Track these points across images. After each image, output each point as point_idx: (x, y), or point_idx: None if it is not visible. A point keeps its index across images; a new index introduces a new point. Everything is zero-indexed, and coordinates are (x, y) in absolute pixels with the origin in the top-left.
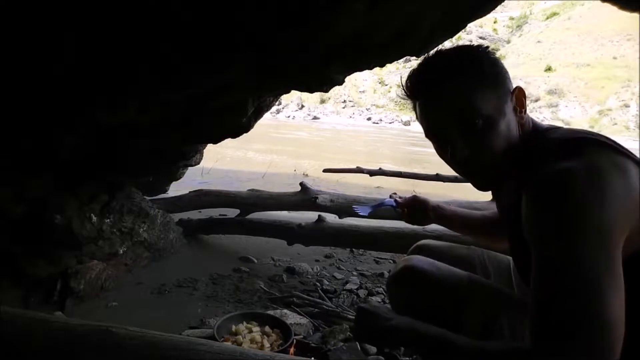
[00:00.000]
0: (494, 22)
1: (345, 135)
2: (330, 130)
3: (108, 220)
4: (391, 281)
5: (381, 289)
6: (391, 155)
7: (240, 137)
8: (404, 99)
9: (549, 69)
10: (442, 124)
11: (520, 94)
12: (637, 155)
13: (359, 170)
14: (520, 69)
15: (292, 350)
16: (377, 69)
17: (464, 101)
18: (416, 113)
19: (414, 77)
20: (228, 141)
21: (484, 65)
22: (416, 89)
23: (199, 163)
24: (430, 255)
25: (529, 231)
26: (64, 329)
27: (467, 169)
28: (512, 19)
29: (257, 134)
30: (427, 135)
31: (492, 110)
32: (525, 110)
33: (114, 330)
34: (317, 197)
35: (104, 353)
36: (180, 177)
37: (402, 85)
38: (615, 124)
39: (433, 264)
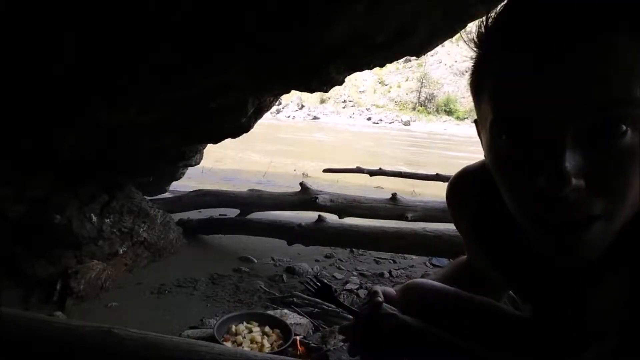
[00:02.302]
0: None
1: (345, 135)
2: (331, 130)
3: (108, 220)
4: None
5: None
6: (391, 155)
7: (241, 137)
8: (474, 43)
9: None
10: (557, 113)
11: None
12: None
13: (359, 170)
14: None
15: (297, 351)
16: (377, 69)
17: (625, 80)
18: (480, 77)
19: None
20: (228, 141)
21: None
22: (533, 29)
23: (199, 163)
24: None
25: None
26: (66, 329)
27: (562, 215)
28: None
29: (257, 134)
30: (498, 124)
31: None
32: None
33: (116, 331)
34: (317, 197)
35: (105, 354)
36: (180, 177)
37: (487, 18)
38: None
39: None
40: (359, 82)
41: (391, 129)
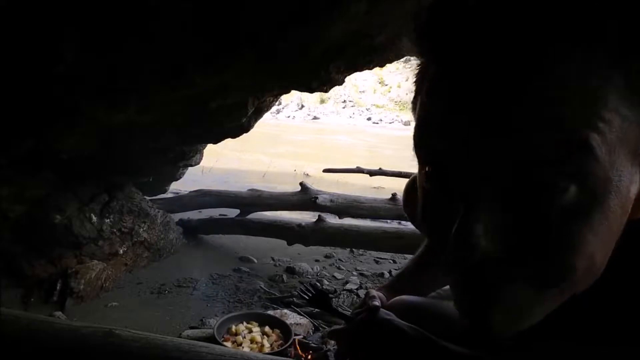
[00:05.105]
0: None
1: (345, 135)
2: (331, 130)
3: (108, 220)
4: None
5: None
6: (391, 155)
7: (241, 137)
8: (420, 49)
9: None
10: (478, 156)
11: None
12: None
13: (359, 170)
14: None
15: (293, 351)
16: (377, 69)
17: (577, 120)
18: (422, 90)
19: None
20: (228, 141)
21: None
22: (463, 37)
23: (199, 163)
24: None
25: None
26: (67, 330)
27: (474, 282)
28: None
29: (257, 135)
30: (417, 150)
31: (613, 172)
32: None
33: (117, 332)
34: (317, 197)
35: (106, 355)
36: (180, 177)
37: (429, 17)
38: None
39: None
40: (359, 82)
41: (391, 129)
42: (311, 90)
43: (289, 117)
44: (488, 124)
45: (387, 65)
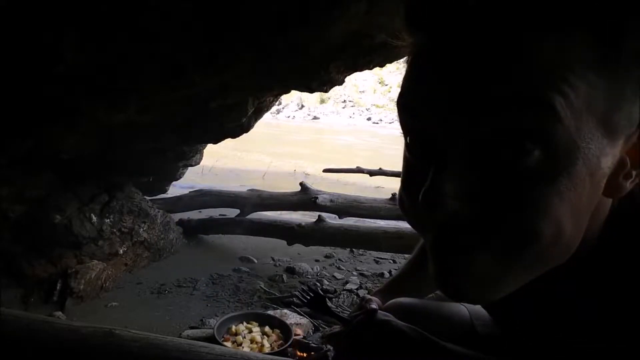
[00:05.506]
0: None
1: (345, 135)
2: (331, 130)
3: (108, 220)
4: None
5: None
6: (391, 155)
7: (241, 137)
8: (410, 26)
9: None
10: (448, 115)
11: None
12: None
13: (359, 170)
14: None
15: (293, 351)
16: (377, 69)
17: (542, 82)
18: (414, 62)
19: None
20: (228, 141)
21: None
22: (454, 12)
23: (199, 163)
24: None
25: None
26: (67, 330)
27: (446, 240)
28: None
29: (257, 135)
30: (399, 117)
31: (580, 138)
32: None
33: (117, 332)
34: (317, 197)
35: (106, 355)
36: (180, 177)
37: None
38: None
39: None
40: (359, 82)
41: (391, 128)
42: (311, 90)
43: (289, 117)
44: (461, 91)
45: (387, 65)
